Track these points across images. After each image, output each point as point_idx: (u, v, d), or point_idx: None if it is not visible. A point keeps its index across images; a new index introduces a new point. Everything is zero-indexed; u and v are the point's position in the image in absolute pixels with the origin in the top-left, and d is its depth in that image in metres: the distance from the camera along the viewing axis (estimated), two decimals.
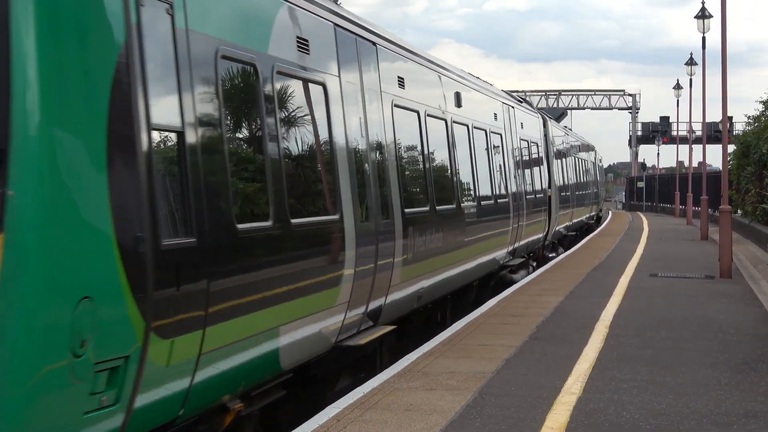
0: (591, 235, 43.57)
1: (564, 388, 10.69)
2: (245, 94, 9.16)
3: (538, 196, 27.38)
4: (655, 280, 22.31)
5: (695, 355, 12.70)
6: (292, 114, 10.23)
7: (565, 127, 47.81)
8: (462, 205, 17.43)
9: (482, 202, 19.17)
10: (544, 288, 20.49)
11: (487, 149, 20.69)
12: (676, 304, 17.84)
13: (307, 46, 10.43)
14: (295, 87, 10.28)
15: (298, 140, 10.40)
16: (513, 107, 25.52)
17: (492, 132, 21.45)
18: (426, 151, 15.35)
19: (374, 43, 13.10)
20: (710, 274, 23.47)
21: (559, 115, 59.00)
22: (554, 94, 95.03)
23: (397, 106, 13.82)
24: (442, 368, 11.80)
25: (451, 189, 17.03)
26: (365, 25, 13.24)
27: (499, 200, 21.23)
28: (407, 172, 14.42)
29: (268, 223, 8.96)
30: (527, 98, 77.80)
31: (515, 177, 23.77)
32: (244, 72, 9.06)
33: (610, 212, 73.52)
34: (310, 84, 10.55)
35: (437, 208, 15.39)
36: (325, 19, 11.27)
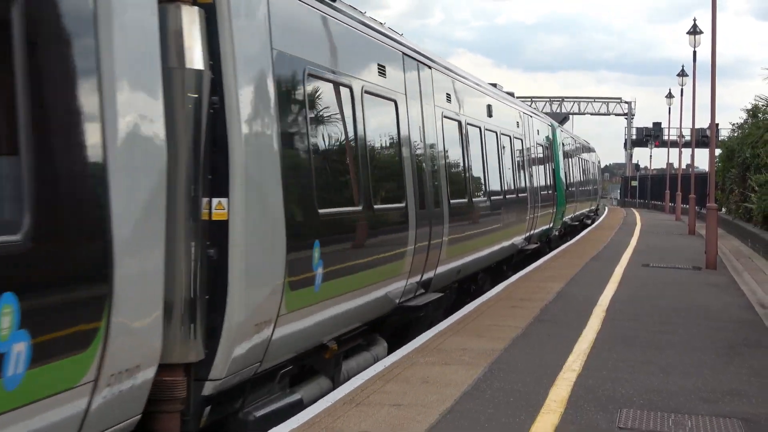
0: (589, 228, 43.44)
1: (565, 365, 10.67)
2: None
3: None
4: (647, 270, 22.25)
5: (684, 339, 12.66)
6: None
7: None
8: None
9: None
10: (547, 275, 20.45)
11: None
12: (666, 292, 17.78)
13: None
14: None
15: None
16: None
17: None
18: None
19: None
20: (698, 265, 23.38)
21: (562, 119, 58.95)
22: (558, 100, 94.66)
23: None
24: (455, 345, 11.79)
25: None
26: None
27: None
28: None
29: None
30: (534, 103, 77.68)
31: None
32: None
33: (606, 208, 73.33)
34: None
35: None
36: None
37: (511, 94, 26.56)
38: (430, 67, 14.64)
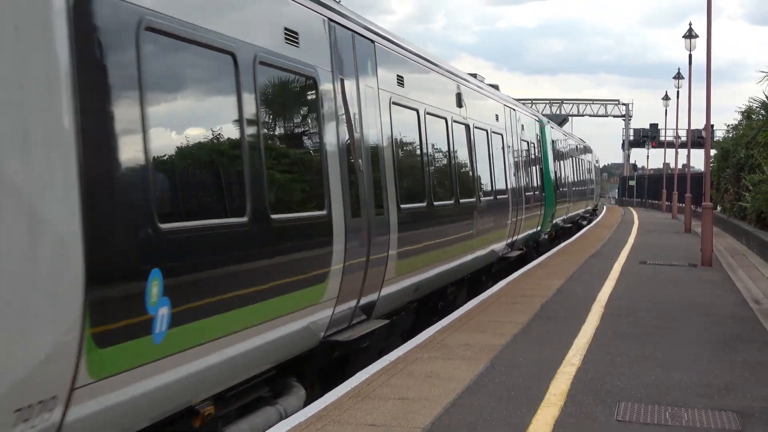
0: (588, 226, 43.42)
1: (565, 360, 10.68)
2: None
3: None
4: (645, 267, 22.23)
5: (681, 334, 12.66)
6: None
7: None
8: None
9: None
10: (547, 272, 20.45)
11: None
12: (663, 289, 17.77)
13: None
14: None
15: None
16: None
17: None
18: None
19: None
20: (693, 262, 23.36)
21: (561, 120, 58.85)
22: (557, 103, 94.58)
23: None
24: (458, 341, 11.81)
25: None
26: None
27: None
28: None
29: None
30: (534, 105, 77.59)
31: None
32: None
33: (605, 207, 73.29)
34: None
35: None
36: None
37: (496, 87, 23.81)
38: (371, 41, 11.72)
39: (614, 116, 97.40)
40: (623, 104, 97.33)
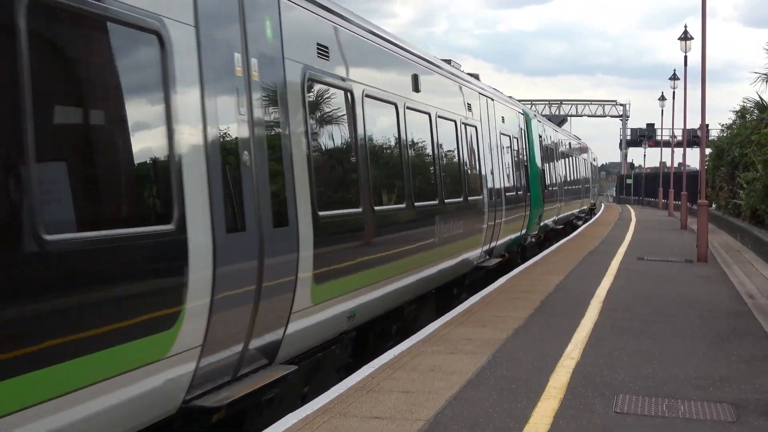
0: (586, 224, 43.36)
1: (564, 353, 10.67)
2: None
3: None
4: (642, 263, 22.20)
5: (677, 328, 12.64)
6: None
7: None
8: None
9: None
10: (547, 269, 20.43)
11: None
12: (660, 284, 17.75)
13: None
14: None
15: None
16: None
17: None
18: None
19: None
20: (689, 258, 23.33)
21: (560, 120, 58.68)
22: (556, 103, 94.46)
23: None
24: (460, 335, 11.80)
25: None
26: None
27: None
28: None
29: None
30: (534, 106, 77.46)
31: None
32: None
33: (603, 205, 73.21)
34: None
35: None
36: None
37: (476, 77, 20.60)
38: None
39: (612, 116, 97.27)
40: (620, 105, 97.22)
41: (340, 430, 7.48)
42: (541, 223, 27.26)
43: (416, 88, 13.58)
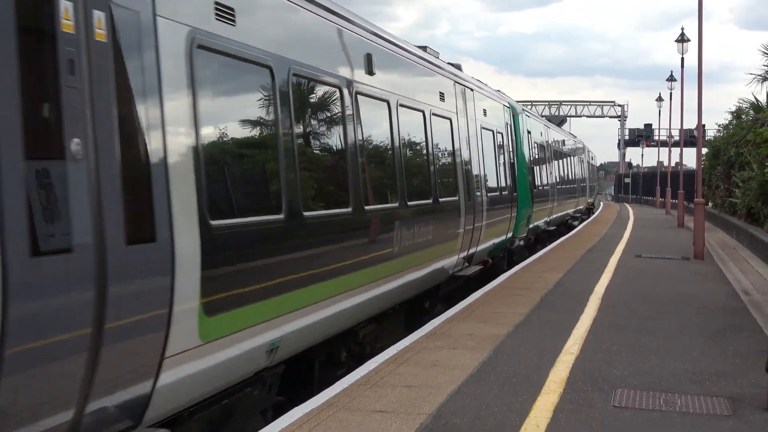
0: (584, 222, 43.33)
1: (564, 349, 10.67)
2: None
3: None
4: (640, 261, 22.19)
5: (674, 324, 12.64)
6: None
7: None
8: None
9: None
10: (546, 266, 20.42)
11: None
12: (657, 281, 17.74)
13: None
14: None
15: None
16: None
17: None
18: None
19: None
20: (686, 255, 23.31)
21: (560, 121, 58.55)
22: (556, 104, 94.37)
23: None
24: (462, 331, 11.80)
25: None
26: None
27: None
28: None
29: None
30: (534, 106, 77.40)
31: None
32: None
33: (602, 203, 73.18)
34: None
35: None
36: None
37: (458, 67, 18.37)
38: None
39: (610, 117, 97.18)
40: (619, 105, 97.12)
41: (345, 423, 7.49)
42: (531, 225, 24.29)
43: (370, 70, 11.20)
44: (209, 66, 7.19)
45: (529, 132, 25.51)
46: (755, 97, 32.79)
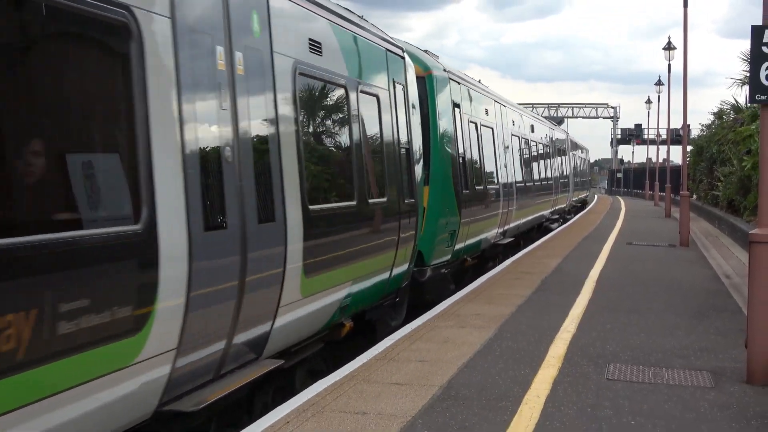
0: (580, 213, 43.17)
1: (562, 327, 10.65)
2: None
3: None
4: (631, 248, 22.11)
5: (662, 305, 12.60)
6: None
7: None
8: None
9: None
10: (546, 253, 20.38)
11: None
12: (647, 266, 17.68)
13: None
14: None
15: None
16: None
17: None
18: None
19: None
20: (673, 243, 23.22)
21: (558, 122, 58.13)
22: (554, 106, 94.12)
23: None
24: (470, 311, 11.79)
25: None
26: None
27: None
28: None
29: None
30: (534, 109, 77.06)
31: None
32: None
33: (596, 196, 72.92)
34: None
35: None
36: None
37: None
38: None
39: (604, 118, 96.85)
40: (612, 107, 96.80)
41: (364, 393, 7.51)
42: (463, 243, 15.41)
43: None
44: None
45: (457, 106, 15.50)
46: (735, 100, 32.52)
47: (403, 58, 12.15)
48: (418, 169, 12.47)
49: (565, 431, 6.55)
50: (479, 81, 18.90)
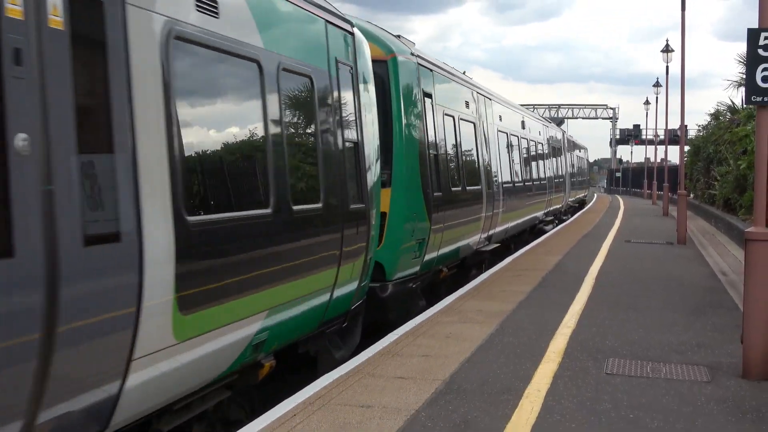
0: (581, 211, 43.13)
1: (562, 323, 10.65)
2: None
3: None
4: (629, 245, 22.09)
5: (660, 302, 12.59)
6: None
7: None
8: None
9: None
10: (546, 250, 20.37)
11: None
12: (645, 263, 17.66)
13: None
14: None
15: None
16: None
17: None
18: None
19: None
20: (670, 241, 23.20)
21: (558, 122, 58.08)
22: (555, 107, 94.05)
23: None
24: (472, 307, 11.80)
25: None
26: None
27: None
28: None
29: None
30: (535, 109, 76.95)
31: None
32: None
33: (595, 195, 72.85)
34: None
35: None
36: None
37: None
38: None
39: (603, 118, 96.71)
40: (611, 108, 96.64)
41: (369, 387, 7.52)
42: (432, 254, 13.01)
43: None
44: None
45: (428, 96, 13.17)
46: (731, 101, 32.53)
47: (351, 33, 9.55)
48: (375, 169, 10.09)
49: (566, 424, 6.56)
50: (464, 72, 16.41)
